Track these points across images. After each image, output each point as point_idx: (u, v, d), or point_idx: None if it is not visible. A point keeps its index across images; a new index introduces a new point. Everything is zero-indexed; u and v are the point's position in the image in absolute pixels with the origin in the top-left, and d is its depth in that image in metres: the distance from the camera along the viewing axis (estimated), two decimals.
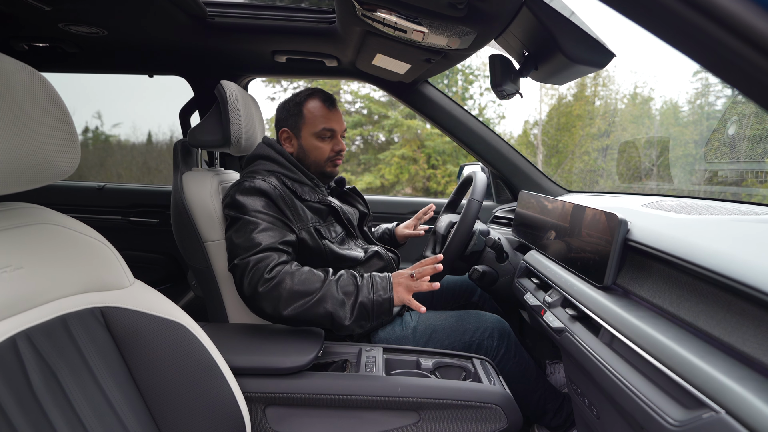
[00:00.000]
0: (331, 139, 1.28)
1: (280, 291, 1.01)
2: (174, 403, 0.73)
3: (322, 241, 1.19)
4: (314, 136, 1.27)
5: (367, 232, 1.45)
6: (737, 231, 0.71)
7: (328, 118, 1.26)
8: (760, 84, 0.33)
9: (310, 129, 1.26)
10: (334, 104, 1.29)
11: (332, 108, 1.28)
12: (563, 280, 0.93)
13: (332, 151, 1.29)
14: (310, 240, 1.17)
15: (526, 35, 1.04)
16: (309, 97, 1.28)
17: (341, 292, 1.02)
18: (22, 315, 0.59)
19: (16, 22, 1.36)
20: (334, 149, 1.28)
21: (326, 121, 1.26)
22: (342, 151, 1.30)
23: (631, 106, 11.01)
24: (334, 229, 1.26)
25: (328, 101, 1.28)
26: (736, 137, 1.48)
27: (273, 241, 1.08)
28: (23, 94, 0.56)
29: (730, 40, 0.32)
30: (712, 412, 0.48)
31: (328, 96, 1.29)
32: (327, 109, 1.27)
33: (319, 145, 1.27)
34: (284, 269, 1.04)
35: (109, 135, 8.38)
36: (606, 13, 0.40)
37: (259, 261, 1.04)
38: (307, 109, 1.27)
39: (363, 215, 1.45)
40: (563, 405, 1.24)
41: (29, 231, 0.63)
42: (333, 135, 1.28)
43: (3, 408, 0.53)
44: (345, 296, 1.02)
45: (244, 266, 1.04)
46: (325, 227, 1.22)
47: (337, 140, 1.29)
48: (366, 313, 1.02)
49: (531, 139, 11.04)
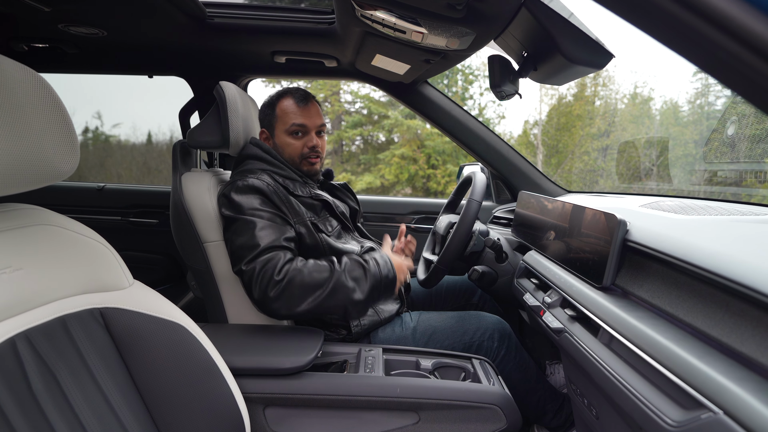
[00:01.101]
0: (303, 135, 1.28)
1: (293, 290, 1.02)
2: (173, 404, 0.73)
3: (319, 235, 1.19)
4: (286, 133, 1.27)
5: (361, 228, 1.45)
6: (736, 231, 0.71)
7: (298, 114, 1.26)
8: (758, 87, 0.33)
9: (282, 126, 1.28)
10: (306, 101, 1.28)
11: (304, 104, 1.27)
12: (562, 280, 0.93)
13: (305, 148, 1.27)
14: (307, 235, 1.18)
15: (525, 36, 1.04)
16: (282, 96, 1.30)
17: (350, 278, 1.06)
18: (22, 316, 0.59)
19: (15, 22, 1.36)
20: (307, 145, 1.27)
21: (296, 117, 1.26)
22: (316, 147, 1.28)
23: (630, 106, 11.01)
24: (330, 223, 1.26)
25: (300, 98, 1.28)
26: (735, 137, 1.48)
27: (275, 239, 1.08)
28: (23, 95, 0.56)
29: (728, 42, 0.33)
30: (711, 412, 0.48)
31: (302, 94, 1.29)
32: (298, 105, 1.27)
33: (291, 141, 1.27)
34: (292, 267, 1.04)
35: (109, 135, 8.38)
36: (606, 14, 0.40)
37: (266, 263, 1.04)
38: (279, 108, 1.28)
39: (354, 211, 1.45)
40: (563, 405, 1.24)
41: (29, 232, 0.63)
42: (305, 131, 1.27)
43: (2, 409, 0.53)
44: (355, 282, 1.06)
45: (251, 271, 1.04)
46: (321, 221, 1.23)
47: (310, 137, 1.28)
48: (375, 295, 1.09)
49: (531, 139, 11.04)
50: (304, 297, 1.02)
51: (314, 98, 1.33)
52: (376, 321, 1.23)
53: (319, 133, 1.31)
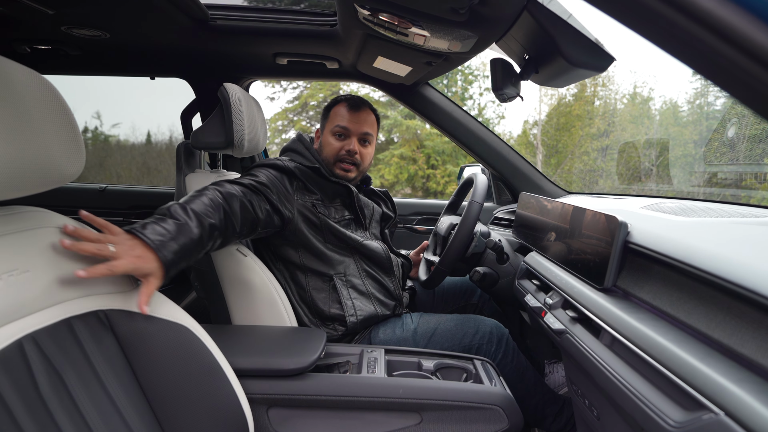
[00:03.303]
0: (344, 138, 1.32)
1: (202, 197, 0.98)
2: (178, 405, 0.74)
3: (318, 216, 1.23)
4: (330, 133, 1.34)
5: (386, 234, 1.47)
6: (736, 233, 0.71)
7: (345, 117, 1.32)
8: (757, 93, 0.33)
9: (329, 126, 1.34)
10: (357, 108, 1.34)
11: (353, 110, 1.33)
12: (564, 281, 0.94)
13: (343, 150, 1.31)
14: (309, 213, 1.22)
15: (526, 39, 1.04)
16: (339, 100, 1.37)
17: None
18: (29, 318, 0.60)
19: (18, 24, 1.36)
20: (345, 148, 1.31)
21: (342, 119, 1.32)
22: (353, 151, 1.31)
23: (630, 106, 11.01)
24: (338, 211, 1.29)
25: (352, 104, 1.34)
26: (735, 138, 1.48)
27: (250, 182, 1.12)
28: (30, 99, 0.57)
29: (728, 50, 0.33)
30: (712, 413, 0.48)
31: (357, 101, 1.35)
32: (347, 110, 1.33)
33: (332, 141, 1.33)
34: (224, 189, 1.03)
35: (109, 135, 8.39)
36: (606, 15, 0.41)
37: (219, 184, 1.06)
38: (333, 110, 1.36)
39: (386, 216, 1.47)
40: (563, 409, 1.24)
41: (35, 235, 0.64)
42: (347, 134, 1.32)
43: (10, 409, 0.54)
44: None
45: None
46: (326, 207, 1.26)
47: (350, 141, 1.32)
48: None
49: (530, 139, 11.04)
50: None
51: (371, 108, 1.38)
52: (372, 316, 1.23)
53: (363, 141, 1.34)
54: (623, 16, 0.38)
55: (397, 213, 1.55)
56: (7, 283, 0.57)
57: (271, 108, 11.94)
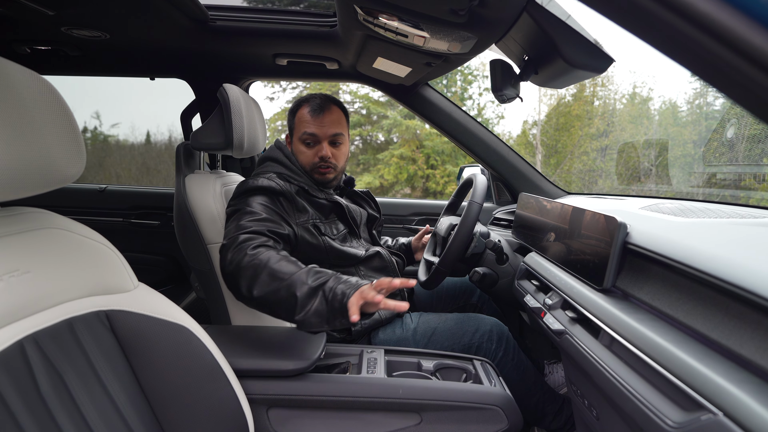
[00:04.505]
0: (313, 145, 1.29)
1: (257, 269, 0.98)
2: (178, 406, 0.74)
3: (321, 238, 1.22)
4: (299, 141, 1.30)
5: (375, 235, 1.46)
6: (735, 234, 0.72)
7: (311, 123, 1.28)
8: (757, 97, 0.34)
9: (297, 134, 1.31)
10: (320, 111, 1.28)
11: (317, 114, 1.28)
12: (563, 282, 0.94)
13: (316, 157, 1.28)
14: (309, 236, 1.20)
15: (526, 40, 1.05)
16: (301, 103, 1.32)
17: (311, 279, 0.97)
18: (30, 319, 0.60)
19: (18, 25, 1.36)
20: (317, 155, 1.28)
21: (308, 126, 1.28)
22: (326, 157, 1.28)
23: (629, 106, 11.03)
24: (336, 226, 1.28)
25: (315, 107, 1.28)
26: (734, 139, 1.49)
27: (263, 227, 1.09)
28: (30, 100, 0.57)
29: (725, 53, 0.33)
30: (710, 414, 0.49)
31: (319, 102, 1.29)
32: (311, 115, 1.28)
33: (303, 150, 1.29)
34: (267, 250, 1.03)
35: (108, 135, 8.38)
36: (604, 18, 0.41)
37: (247, 240, 1.04)
38: (297, 116, 1.32)
39: (372, 218, 1.47)
40: (563, 408, 1.24)
41: (36, 235, 0.64)
42: (315, 140, 1.28)
43: (11, 410, 0.54)
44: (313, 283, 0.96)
45: (230, 242, 1.04)
46: (325, 224, 1.25)
47: (321, 146, 1.28)
48: (324, 306, 0.95)
49: (530, 139, 11.05)
50: (265, 285, 0.96)
51: (336, 105, 1.32)
52: (376, 320, 1.23)
53: (334, 143, 1.31)
54: (621, 19, 0.38)
55: (382, 213, 1.54)
56: (8, 284, 0.57)
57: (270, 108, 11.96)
